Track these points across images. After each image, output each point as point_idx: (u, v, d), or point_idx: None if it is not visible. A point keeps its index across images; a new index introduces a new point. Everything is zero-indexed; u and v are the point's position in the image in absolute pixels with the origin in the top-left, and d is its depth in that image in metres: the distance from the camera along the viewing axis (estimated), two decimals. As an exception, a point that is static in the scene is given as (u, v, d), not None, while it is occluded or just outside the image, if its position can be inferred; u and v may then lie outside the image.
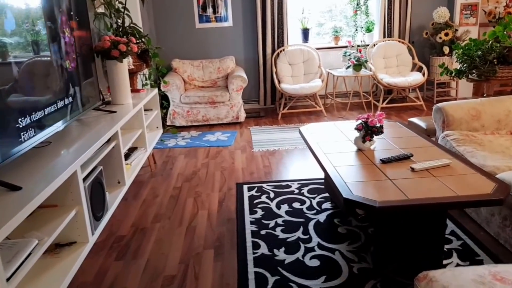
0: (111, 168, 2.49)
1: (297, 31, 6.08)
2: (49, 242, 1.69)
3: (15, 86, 1.79)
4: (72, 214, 1.82)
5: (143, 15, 5.11)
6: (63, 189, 1.84)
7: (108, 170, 2.49)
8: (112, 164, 2.48)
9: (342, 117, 5.43)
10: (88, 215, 1.92)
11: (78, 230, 1.90)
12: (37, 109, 1.95)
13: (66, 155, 1.96)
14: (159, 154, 4.32)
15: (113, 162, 2.48)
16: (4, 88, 1.71)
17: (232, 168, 3.83)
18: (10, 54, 1.78)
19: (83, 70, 2.55)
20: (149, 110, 3.66)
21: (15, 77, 1.79)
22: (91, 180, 2.05)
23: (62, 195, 1.85)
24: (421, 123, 3.37)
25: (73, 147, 2.08)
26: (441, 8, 5.60)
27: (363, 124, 2.42)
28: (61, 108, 2.21)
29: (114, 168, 2.49)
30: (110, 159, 2.47)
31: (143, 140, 3.12)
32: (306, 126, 3.05)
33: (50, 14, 2.17)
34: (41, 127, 1.97)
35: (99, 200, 2.17)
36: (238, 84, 5.20)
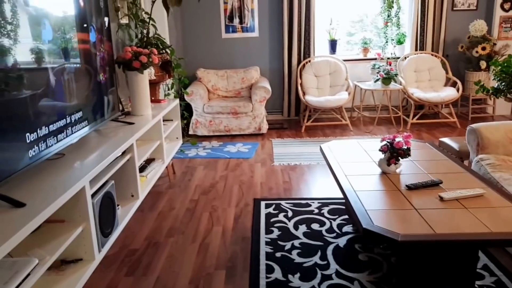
0: (125, 181, 2.43)
1: (325, 42, 5.95)
2: (52, 260, 1.63)
3: (43, 93, 1.75)
4: (79, 231, 1.76)
5: (170, 25, 5.11)
6: (71, 205, 1.78)
7: (122, 183, 2.43)
8: (126, 177, 2.42)
9: (369, 132, 5.24)
10: (96, 232, 1.86)
11: (84, 247, 1.84)
12: (51, 121, 1.91)
13: (77, 169, 1.91)
14: (179, 164, 4.26)
15: (127, 175, 2.42)
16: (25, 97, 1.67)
17: (251, 182, 3.72)
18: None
19: (104, 81, 2.52)
20: (170, 121, 3.61)
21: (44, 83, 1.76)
22: (101, 195, 1.99)
23: (69, 210, 1.80)
24: (453, 144, 3.17)
25: (85, 161, 2.02)
26: (478, 21, 5.35)
27: (388, 145, 2.27)
28: (77, 121, 2.17)
29: (128, 181, 2.43)
30: (124, 172, 2.41)
31: (160, 151, 3.06)
32: (328, 144, 2.91)
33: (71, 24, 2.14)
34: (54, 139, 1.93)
35: (109, 216, 2.11)
36: (261, 95, 5.11)
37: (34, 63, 1.81)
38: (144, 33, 3.60)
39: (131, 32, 3.60)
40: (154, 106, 3.30)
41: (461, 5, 5.69)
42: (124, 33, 3.35)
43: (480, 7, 5.69)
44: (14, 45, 1.66)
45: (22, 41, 1.72)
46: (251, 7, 5.67)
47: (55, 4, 2.01)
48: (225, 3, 5.66)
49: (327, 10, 5.88)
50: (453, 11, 5.71)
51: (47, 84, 1.89)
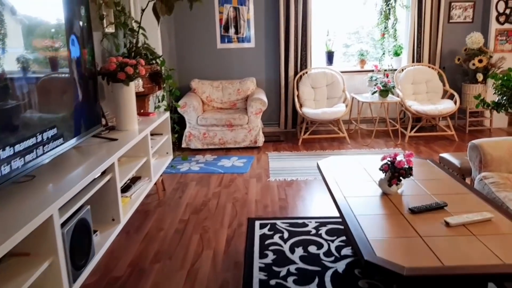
0: (104, 204, 2.27)
1: (321, 53, 5.84)
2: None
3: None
4: (45, 266, 1.58)
5: (163, 35, 4.99)
6: (37, 236, 1.60)
7: (101, 205, 2.27)
8: (106, 199, 2.26)
9: (366, 145, 5.11)
10: (65, 266, 1.68)
11: (52, 283, 1.65)
12: (17, 141, 1.75)
13: (46, 194, 1.73)
14: (170, 179, 4.10)
15: (107, 197, 2.26)
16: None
17: (245, 199, 3.56)
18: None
19: (83, 94, 2.37)
20: (159, 135, 3.46)
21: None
22: (73, 223, 1.82)
23: (35, 242, 1.61)
24: (454, 161, 3.03)
25: (57, 184, 1.85)
26: (475, 33, 5.26)
27: (389, 164, 2.13)
28: (50, 138, 2.01)
29: (108, 203, 2.26)
30: (104, 193, 2.25)
31: (147, 169, 2.90)
32: (325, 160, 2.77)
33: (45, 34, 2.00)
34: (21, 161, 1.76)
35: (83, 246, 1.93)
36: (257, 107, 4.97)
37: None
38: (133, 42, 3.46)
39: (119, 42, 3.46)
40: (142, 119, 3.15)
41: (457, 18, 5.62)
42: (110, 43, 3.21)
43: (476, 20, 5.62)
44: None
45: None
46: (247, 17, 5.57)
47: (27, 9, 1.86)
48: (221, 13, 5.55)
49: (323, 21, 5.78)
50: (449, 23, 5.63)
51: (11, 98, 1.71)
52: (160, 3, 3.26)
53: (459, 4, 5.55)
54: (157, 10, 3.26)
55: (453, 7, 5.55)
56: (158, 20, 3.32)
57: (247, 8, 5.54)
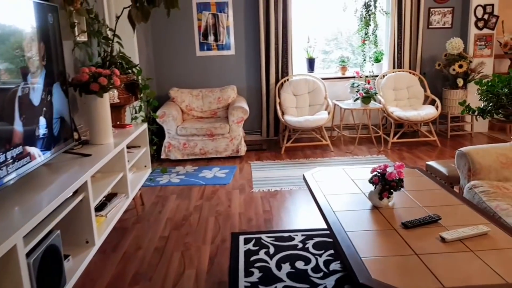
0: (77, 225, 2.10)
1: (302, 60, 5.78)
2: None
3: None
4: (10, 302, 1.42)
5: (140, 43, 4.83)
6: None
7: (74, 227, 2.10)
8: (78, 220, 2.09)
9: (350, 152, 5.04)
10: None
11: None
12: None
13: (8, 221, 1.56)
14: (149, 193, 3.93)
15: (80, 218, 2.09)
16: None
17: (228, 212, 3.43)
18: None
19: (52, 107, 2.21)
20: (137, 147, 3.30)
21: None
22: (41, 251, 1.65)
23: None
24: (441, 169, 2.97)
25: (23, 208, 1.68)
26: (455, 39, 5.29)
27: (379, 177, 2.04)
28: (14, 158, 1.84)
29: (82, 225, 2.10)
30: (76, 214, 2.08)
31: (124, 185, 2.74)
32: (311, 172, 2.66)
33: (12, 40, 1.83)
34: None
35: (53, 275, 1.76)
36: (238, 115, 4.85)
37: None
38: (108, 51, 3.30)
39: (93, 51, 3.30)
40: (118, 132, 2.99)
41: (436, 23, 5.64)
42: (82, 52, 3.04)
43: (455, 25, 5.66)
44: None
45: None
46: (227, 24, 5.46)
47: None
48: (199, 20, 5.43)
49: (304, 28, 5.73)
50: (428, 29, 5.65)
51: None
52: (136, 10, 3.11)
53: (438, 10, 5.58)
54: (133, 18, 3.11)
55: (432, 12, 5.58)
56: (134, 28, 3.18)
57: (226, 15, 5.43)
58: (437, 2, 5.55)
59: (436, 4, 5.56)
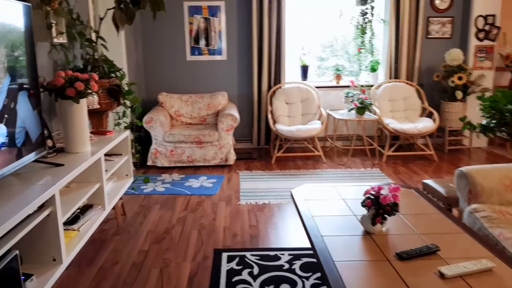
0: (43, 242, 1.91)
1: (296, 68, 5.62)
2: None
3: None
4: None
5: (129, 46, 4.65)
6: None
7: (39, 243, 1.91)
8: (45, 236, 1.91)
9: (343, 165, 4.88)
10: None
11: None
12: None
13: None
14: (132, 202, 3.74)
15: (47, 234, 1.90)
16: None
17: (212, 226, 3.24)
18: None
19: (21, 112, 2.02)
20: (118, 155, 3.11)
21: None
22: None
23: None
24: (439, 189, 2.81)
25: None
26: (454, 50, 5.16)
27: (372, 200, 1.87)
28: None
29: (48, 241, 1.91)
30: (42, 229, 1.89)
31: (100, 196, 2.55)
32: (300, 189, 2.49)
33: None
34: None
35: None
36: (228, 123, 4.68)
37: None
38: (91, 54, 3.12)
39: (75, 53, 3.12)
40: (98, 139, 2.80)
41: (435, 33, 5.52)
42: (60, 55, 2.86)
43: (454, 36, 5.53)
44: None
45: None
46: (218, 29, 5.30)
47: None
48: (191, 24, 5.26)
49: (298, 34, 5.58)
50: (427, 39, 5.52)
51: None
52: (120, 12, 2.95)
53: (437, 19, 5.45)
54: (116, 20, 2.94)
55: (431, 22, 5.45)
56: (118, 30, 3.00)
57: (218, 20, 5.27)
58: (436, 11, 5.43)
59: (435, 13, 5.44)
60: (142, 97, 5.22)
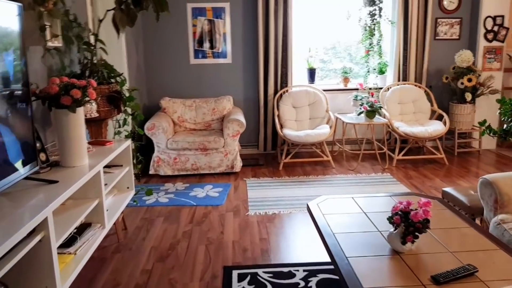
0: (35, 270, 1.73)
1: (303, 70, 5.45)
2: None
3: None
4: None
5: (130, 49, 4.49)
6: None
7: (31, 272, 1.73)
8: (36, 264, 1.73)
9: (353, 170, 4.71)
10: None
11: None
12: None
13: None
14: (134, 214, 3.56)
15: (39, 262, 1.72)
16: None
17: (221, 241, 3.06)
18: None
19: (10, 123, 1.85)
20: (118, 167, 2.93)
21: None
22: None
23: None
24: (461, 197, 2.63)
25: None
26: (464, 51, 4.98)
27: (401, 216, 1.69)
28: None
29: (40, 270, 1.73)
30: (33, 257, 1.71)
31: (99, 214, 2.37)
32: (317, 202, 2.32)
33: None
34: None
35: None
36: (234, 129, 4.51)
37: None
38: (89, 58, 2.96)
39: (72, 58, 2.96)
40: (96, 150, 2.63)
41: (443, 34, 5.35)
42: (54, 59, 2.69)
43: (463, 37, 5.37)
44: None
45: None
46: (223, 31, 5.13)
47: None
48: (194, 26, 5.10)
49: (304, 36, 5.41)
50: (435, 40, 5.35)
51: None
52: (120, 13, 2.78)
53: (446, 20, 5.28)
54: (117, 22, 2.77)
55: (439, 23, 5.28)
56: (118, 33, 2.84)
57: (223, 21, 5.11)
58: (444, 13, 5.26)
59: (443, 15, 5.27)
60: (143, 103, 5.07)
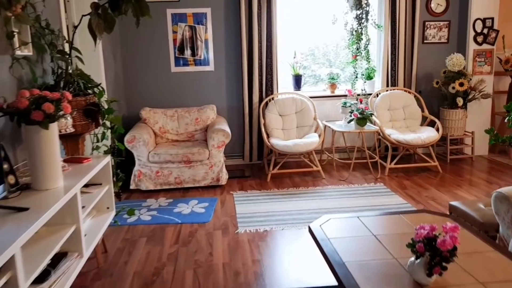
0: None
1: (289, 77, 5.27)
2: None
3: None
4: None
5: (107, 58, 4.21)
6: None
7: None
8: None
9: (344, 180, 4.53)
10: None
11: None
12: None
13: None
14: (114, 235, 3.27)
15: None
16: None
17: (210, 263, 2.81)
18: None
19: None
20: (97, 185, 2.66)
21: None
22: None
23: None
24: (471, 212, 2.46)
25: None
26: (456, 54, 4.89)
27: (425, 244, 1.49)
28: None
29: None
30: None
31: (76, 241, 2.10)
32: (319, 223, 2.10)
33: None
34: None
35: None
36: (219, 139, 4.27)
37: None
38: (63, 68, 2.68)
39: (44, 67, 2.67)
40: (73, 169, 2.35)
41: (431, 38, 5.26)
42: (25, 70, 2.40)
43: (451, 40, 5.29)
44: None
45: None
46: (205, 37, 4.90)
47: None
48: (175, 33, 4.85)
49: (290, 42, 5.23)
50: (423, 44, 5.26)
51: None
52: (97, 18, 2.51)
53: (434, 23, 5.20)
54: (93, 28, 2.51)
55: (427, 26, 5.19)
56: (95, 40, 2.57)
57: (204, 28, 4.88)
58: (432, 15, 5.18)
59: (431, 17, 5.18)
60: (122, 113, 4.77)
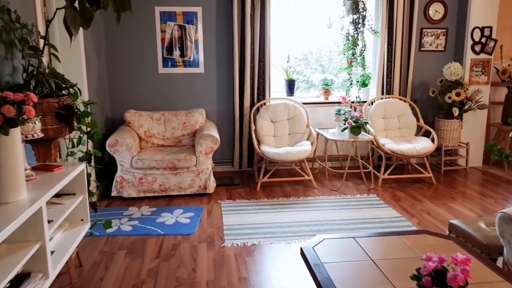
0: None
1: (281, 82, 5.09)
2: None
3: None
4: None
5: (90, 56, 3.99)
6: None
7: None
8: None
9: (336, 190, 4.35)
10: None
11: None
12: None
13: None
14: (91, 246, 3.05)
15: None
16: None
17: (193, 281, 2.60)
18: None
19: None
20: (71, 195, 2.44)
21: None
22: None
23: None
24: (473, 233, 2.29)
25: None
26: (454, 63, 4.75)
27: (433, 278, 1.31)
28: None
29: None
30: None
31: (42, 260, 1.88)
32: (311, 244, 1.91)
33: None
34: None
35: None
36: (207, 145, 4.07)
37: None
38: (35, 66, 2.46)
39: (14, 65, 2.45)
40: (41, 178, 2.13)
41: (428, 46, 5.13)
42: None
43: (448, 49, 5.16)
44: None
45: None
46: (195, 37, 4.70)
47: None
48: (163, 32, 4.64)
49: (283, 45, 5.06)
50: (420, 52, 5.13)
51: None
52: (73, 12, 2.31)
53: (431, 31, 5.06)
54: (68, 22, 2.30)
55: (424, 33, 5.06)
56: (71, 36, 2.36)
57: (194, 28, 4.68)
58: (430, 23, 5.04)
59: (429, 25, 5.05)
60: (105, 115, 4.55)
